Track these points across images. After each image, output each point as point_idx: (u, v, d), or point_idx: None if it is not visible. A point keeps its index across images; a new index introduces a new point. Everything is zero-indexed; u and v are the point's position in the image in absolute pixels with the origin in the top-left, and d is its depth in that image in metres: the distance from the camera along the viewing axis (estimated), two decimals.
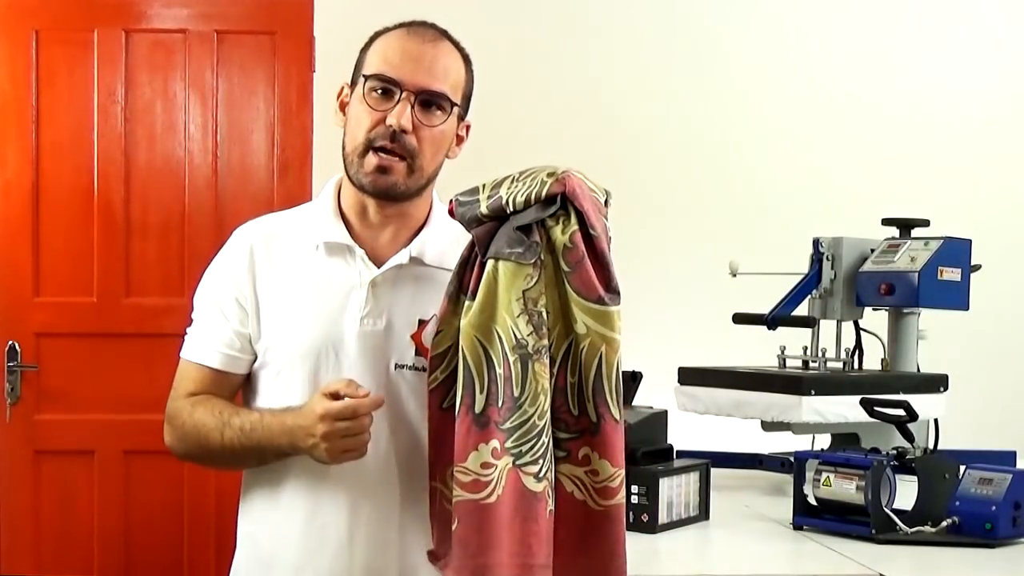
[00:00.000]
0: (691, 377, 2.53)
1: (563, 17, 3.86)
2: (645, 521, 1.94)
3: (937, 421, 2.54)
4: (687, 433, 2.39)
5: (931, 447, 2.46)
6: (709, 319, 3.03)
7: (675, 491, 2.00)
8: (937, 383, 2.50)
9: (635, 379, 2.20)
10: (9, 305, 3.56)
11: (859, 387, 2.33)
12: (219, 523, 3.48)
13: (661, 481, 1.95)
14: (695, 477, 2.05)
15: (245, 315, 1.74)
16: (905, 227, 2.71)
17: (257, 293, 1.74)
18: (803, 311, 2.65)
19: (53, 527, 3.56)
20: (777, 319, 2.59)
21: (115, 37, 3.57)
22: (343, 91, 1.75)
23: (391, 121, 1.64)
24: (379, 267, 1.72)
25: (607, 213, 1.53)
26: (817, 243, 2.68)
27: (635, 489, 1.94)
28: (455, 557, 1.50)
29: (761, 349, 2.60)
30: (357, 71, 1.72)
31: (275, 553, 1.74)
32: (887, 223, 2.74)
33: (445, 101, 1.68)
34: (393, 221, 1.74)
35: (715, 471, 2.16)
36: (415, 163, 1.67)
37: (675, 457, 2.09)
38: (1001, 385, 3.75)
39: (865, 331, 2.67)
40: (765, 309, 2.61)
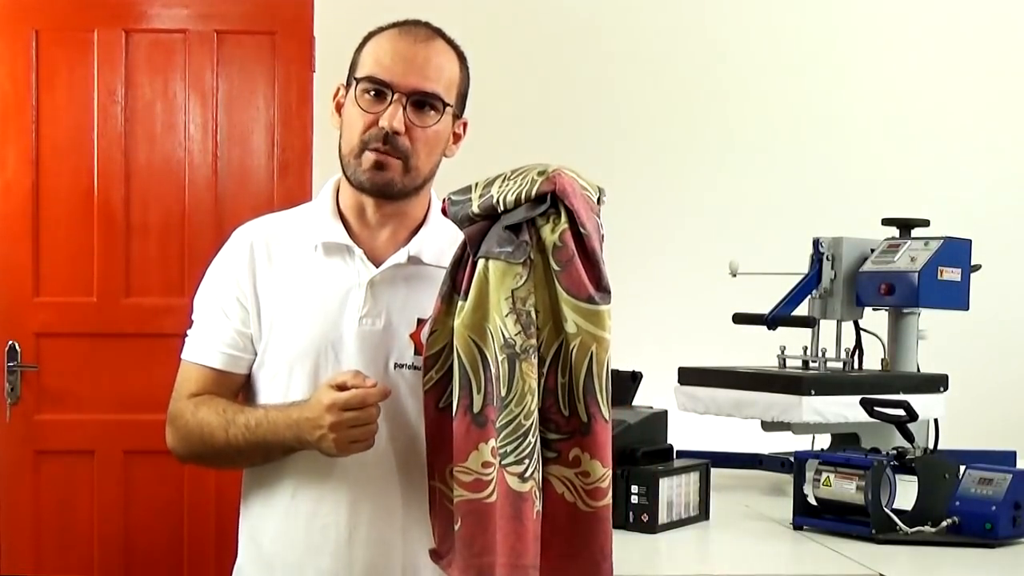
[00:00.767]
0: (691, 377, 2.53)
1: (563, 17, 3.86)
2: (645, 521, 1.93)
3: (937, 421, 2.54)
4: (687, 433, 2.38)
5: (931, 447, 2.46)
6: (709, 319, 3.03)
7: (675, 491, 1.99)
8: (937, 383, 2.50)
9: (635, 379, 2.19)
10: (9, 305, 3.56)
11: (859, 387, 2.33)
12: (219, 523, 3.48)
13: (661, 481, 1.94)
14: (695, 477, 2.05)
15: (247, 314, 1.74)
16: (905, 227, 2.71)
17: (257, 293, 1.74)
18: (803, 311, 2.64)
19: (53, 527, 3.56)
20: (777, 319, 2.59)
21: (115, 37, 3.57)
22: (339, 92, 1.75)
23: (383, 123, 1.64)
24: (378, 267, 1.72)
25: (600, 211, 1.51)
26: (817, 243, 2.68)
27: (635, 489, 1.93)
28: (459, 556, 1.50)
29: (761, 349, 2.60)
30: (351, 72, 1.72)
31: (276, 553, 1.74)
32: (887, 223, 2.74)
33: (438, 101, 1.68)
34: (391, 221, 1.74)
35: (715, 471, 2.15)
36: (409, 163, 1.68)
37: (675, 457, 2.08)
38: (1001, 385, 3.75)
39: (865, 331, 2.67)
40: (765, 309, 2.61)
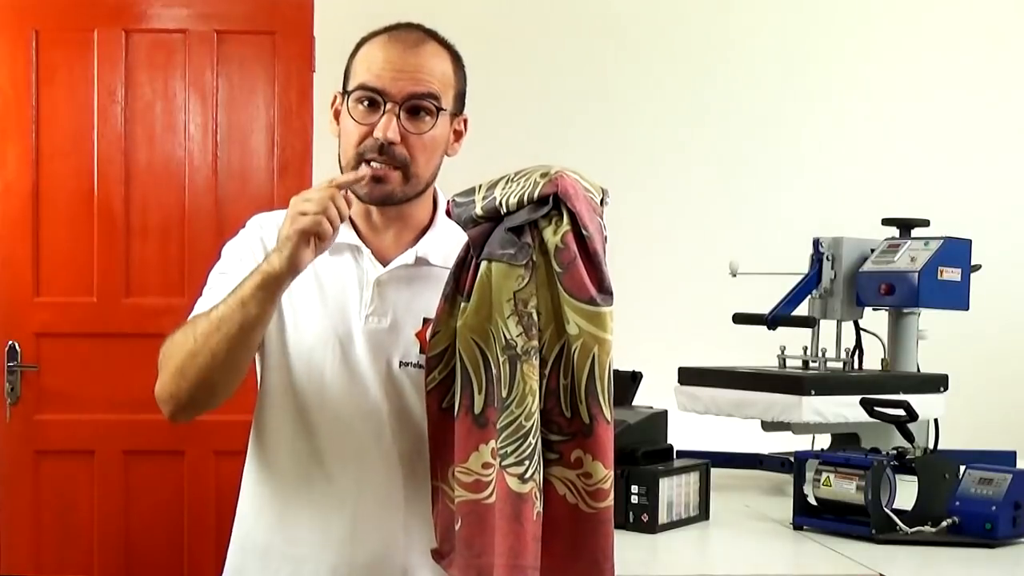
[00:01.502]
0: (691, 377, 2.53)
1: (564, 16, 3.86)
2: (645, 521, 1.93)
3: (937, 421, 2.54)
4: (687, 433, 2.38)
5: (931, 447, 2.46)
6: (709, 319, 3.03)
7: (675, 491, 1.99)
8: (937, 383, 2.50)
9: (635, 379, 2.19)
10: (9, 305, 3.56)
11: (859, 387, 2.33)
12: (219, 523, 3.47)
13: (661, 481, 1.94)
14: (695, 477, 2.05)
15: None
16: (905, 227, 2.71)
17: None
18: (803, 311, 2.64)
19: (53, 527, 3.56)
20: (777, 319, 2.59)
21: (115, 37, 3.57)
22: (336, 100, 1.72)
23: (378, 134, 1.63)
24: (385, 267, 1.72)
25: (603, 212, 1.50)
26: (817, 243, 2.68)
27: (635, 489, 1.93)
28: (460, 556, 1.50)
29: (761, 349, 2.60)
30: (345, 81, 1.70)
31: (276, 547, 1.74)
32: (887, 223, 2.74)
33: (433, 105, 1.66)
34: (395, 223, 1.74)
35: (715, 471, 2.15)
36: (409, 171, 1.66)
37: (675, 457, 2.08)
38: (1001, 385, 3.75)
39: (865, 331, 2.67)
40: (765, 309, 2.61)
